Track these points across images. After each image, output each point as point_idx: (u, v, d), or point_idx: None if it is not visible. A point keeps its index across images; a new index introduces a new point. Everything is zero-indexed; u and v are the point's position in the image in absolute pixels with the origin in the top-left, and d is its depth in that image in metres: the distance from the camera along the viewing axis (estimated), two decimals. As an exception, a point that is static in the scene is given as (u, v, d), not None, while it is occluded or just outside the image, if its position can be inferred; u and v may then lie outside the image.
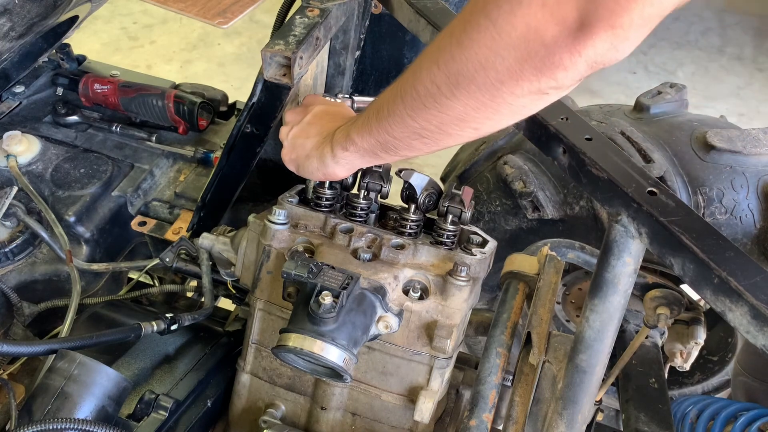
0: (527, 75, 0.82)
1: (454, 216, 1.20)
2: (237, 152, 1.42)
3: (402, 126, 0.99)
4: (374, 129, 1.05)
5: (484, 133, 0.96)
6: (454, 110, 0.91)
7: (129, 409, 1.24)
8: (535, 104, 0.89)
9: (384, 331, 1.15)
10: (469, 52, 0.84)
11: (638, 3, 0.72)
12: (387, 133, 1.02)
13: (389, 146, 1.05)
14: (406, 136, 1.00)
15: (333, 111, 1.26)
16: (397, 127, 1.00)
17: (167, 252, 1.45)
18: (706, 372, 2.16)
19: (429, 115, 0.94)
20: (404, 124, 0.98)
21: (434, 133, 0.97)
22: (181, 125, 1.77)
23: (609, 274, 1.04)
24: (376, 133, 1.04)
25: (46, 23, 1.47)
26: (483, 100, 0.87)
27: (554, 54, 0.78)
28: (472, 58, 0.84)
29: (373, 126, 1.05)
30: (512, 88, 0.84)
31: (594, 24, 0.74)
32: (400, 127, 0.99)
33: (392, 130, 1.01)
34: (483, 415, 1.19)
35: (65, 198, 1.59)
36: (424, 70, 0.92)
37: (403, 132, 1.00)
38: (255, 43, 4.50)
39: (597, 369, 1.14)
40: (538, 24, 0.76)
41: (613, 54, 0.77)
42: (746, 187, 1.74)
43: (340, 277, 1.10)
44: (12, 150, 1.62)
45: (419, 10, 1.35)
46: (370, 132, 1.06)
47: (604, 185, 1.04)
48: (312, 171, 1.20)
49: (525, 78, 0.82)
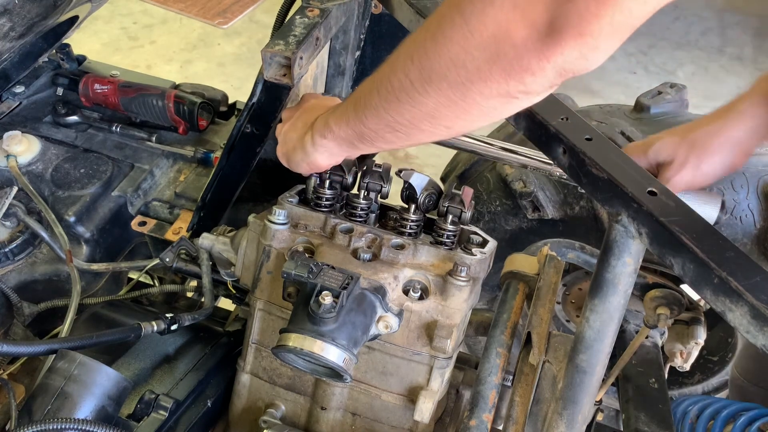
0: (495, 76, 0.82)
1: (454, 216, 1.20)
2: (237, 152, 1.42)
3: (376, 118, 0.99)
4: (351, 119, 1.05)
5: (456, 132, 0.97)
6: (425, 106, 0.91)
7: (129, 409, 1.24)
8: (505, 108, 0.89)
9: (384, 331, 1.15)
10: (441, 49, 0.85)
11: (608, 9, 0.71)
12: (362, 124, 1.03)
13: (365, 137, 1.05)
14: (380, 128, 1.01)
15: (323, 104, 1.26)
16: (372, 119, 1.01)
17: (167, 252, 1.45)
18: (706, 372, 2.16)
19: (402, 109, 0.95)
20: (378, 116, 0.99)
21: (407, 127, 0.97)
22: (181, 125, 1.77)
23: (609, 274, 1.04)
24: (353, 123, 1.05)
25: (46, 23, 1.47)
26: (453, 98, 0.88)
27: (522, 57, 0.78)
28: (444, 55, 0.84)
29: (350, 116, 1.05)
30: (481, 88, 0.84)
31: (563, 30, 0.74)
32: (375, 119, 1.00)
33: (367, 122, 1.02)
34: (483, 415, 1.19)
35: (65, 198, 1.59)
36: (399, 64, 0.92)
37: (377, 124, 1.00)
38: (255, 43, 4.50)
39: (597, 369, 1.14)
40: (508, 24, 0.76)
41: (582, 63, 0.77)
42: (746, 187, 1.74)
43: (340, 277, 1.10)
44: (12, 150, 1.62)
45: (419, 10, 1.35)
46: (347, 122, 1.06)
47: (604, 185, 1.03)
48: (297, 162, 1.21)
49: (493, 79, 0.82)
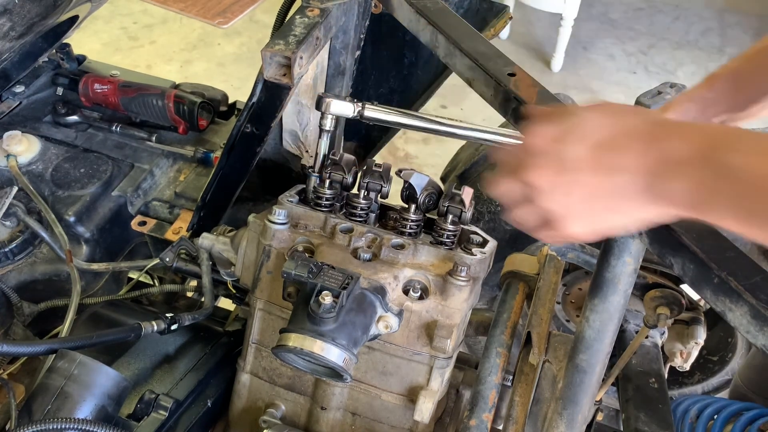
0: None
1: (454, 216, 1.20)
2: (237, 152, 1.42)
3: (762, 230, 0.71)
4: (723, 198, 0.71)
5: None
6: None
7: (129, 409, 1.24)
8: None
9: (384, 330, 1.15)
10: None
11: None
12: (739, 220, 0.72)
13: (719, 218, 0.73)
14: (758, 235, 0.72)
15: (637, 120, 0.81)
16: (756, 228, 0.71)
17: (167, 252, 1.45)
18: (706, 372, 2.16)
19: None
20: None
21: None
22: (181, 125, 1.77)
23: (609, 274, 1.04)
24: (723, 202, 0.71)
25: (46, 23, 1.47)
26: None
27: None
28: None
29: (723, 192, 0.71)
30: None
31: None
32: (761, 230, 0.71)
33: (750, 227, 0.71)
34: (483, 414, 1.19)
35: (65, 198, 1.59)
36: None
37: (758, 232, 0.71)
38: (255, 43, 4.50)
39: (597, 369, 1.14)
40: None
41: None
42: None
43: (340, 277, 1.10)
44: (12, 150, 1.62)
45: (419, 10, 1.35)
46: (716, 195, 0.71)
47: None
48: (607, 219, 0.81)
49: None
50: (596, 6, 4.86)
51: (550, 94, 1.18)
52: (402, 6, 1.41)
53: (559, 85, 4.12)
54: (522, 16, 4.64)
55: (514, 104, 1.17)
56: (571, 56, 4.34)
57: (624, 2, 4.92)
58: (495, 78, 1.19)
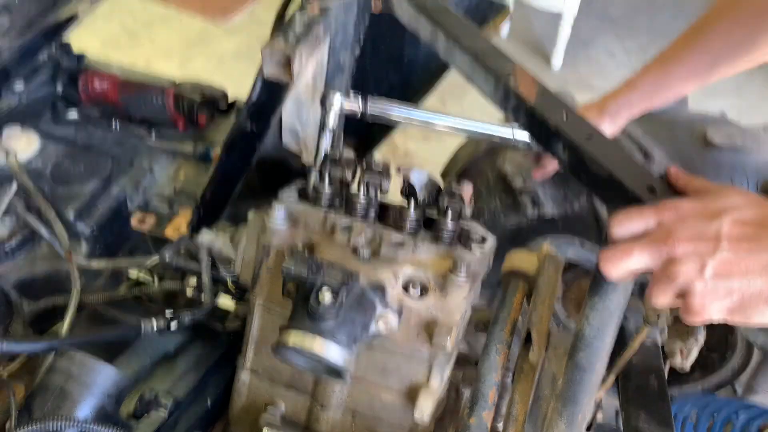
0: None
1: (453, 213, 1.20)
2: (236, 149, 1.42)
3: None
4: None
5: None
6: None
7: (129, 408, 1.24)
8: None
9: (384, 328, 1.15)
10: None
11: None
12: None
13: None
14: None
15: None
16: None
17: (167, 249, 1.45)
18: (706, 370, 2.16)
19: None
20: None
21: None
22: (181, 122, 1.77)
23: (609, 272, 1.04)
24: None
25: (46, 20, 1.47)
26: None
27: None
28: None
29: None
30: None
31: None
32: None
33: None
34: (483, 413, 1.19)
35: (65, 195, 1.59)
36: None
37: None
38: (255, 41, 4.49)
39: (597, 367, 1.13)
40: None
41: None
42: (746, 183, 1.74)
43: (340, 275, 1.10)
44: (11, 147, 1.62)
45: (419, 7, 1.35)
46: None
47: (604, 182, 1.03)
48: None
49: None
50: (596, 3, 4.85)
51: (551, 91, 1.18)
52: (401, 4, 1.41)
53: (559, 83, 4.12)
54: (522, 14, 4.63)
55: (514, 101, 1.17)
56: (571, 54, 4.33)
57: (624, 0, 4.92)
58: (495, 75, 1.19)
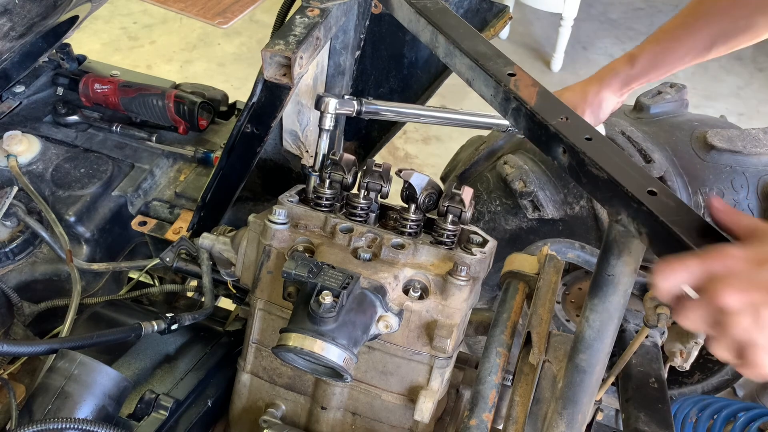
0: None
1: (454, 216, 1.20)
2: (237, 152, 1.42)
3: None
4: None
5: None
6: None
7: (129, 409, 1.24)
8: None
9: (384, 330, 1.15)
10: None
11: None
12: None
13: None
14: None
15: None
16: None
17: (167, 252, 1.45)
18: (706, 371, 2.16)
19: None
20: None
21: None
22: (182, 125, 1.77)
23: (609, 274, 1.04)
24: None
25: (47, 23, 1.47)
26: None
27: None
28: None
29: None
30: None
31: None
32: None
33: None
34: (483, 414, 1.19)
35: (65, 198, 1.59)
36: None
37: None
38: (255, 43, 4.50)
39: (597, 368, 1.14)
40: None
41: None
42: (746, 186, 1.74)
43: (341, 277, 1.10)
44: (12, 150, 1.62)
45: (419, 9, 1.35)
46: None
47: (604, 185, 1.03)
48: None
49: None
50: (596, 6, 4.86)
51: (551, 94, 1.18)
52: (402, 6, 1.41)
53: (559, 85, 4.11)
54: (522, 16, 4.64)
55: (514, 104, 1.17)
56: (570, 56, 4.34)
57: (624, 2, 4.92)
58: (495, 78, 1.19)
